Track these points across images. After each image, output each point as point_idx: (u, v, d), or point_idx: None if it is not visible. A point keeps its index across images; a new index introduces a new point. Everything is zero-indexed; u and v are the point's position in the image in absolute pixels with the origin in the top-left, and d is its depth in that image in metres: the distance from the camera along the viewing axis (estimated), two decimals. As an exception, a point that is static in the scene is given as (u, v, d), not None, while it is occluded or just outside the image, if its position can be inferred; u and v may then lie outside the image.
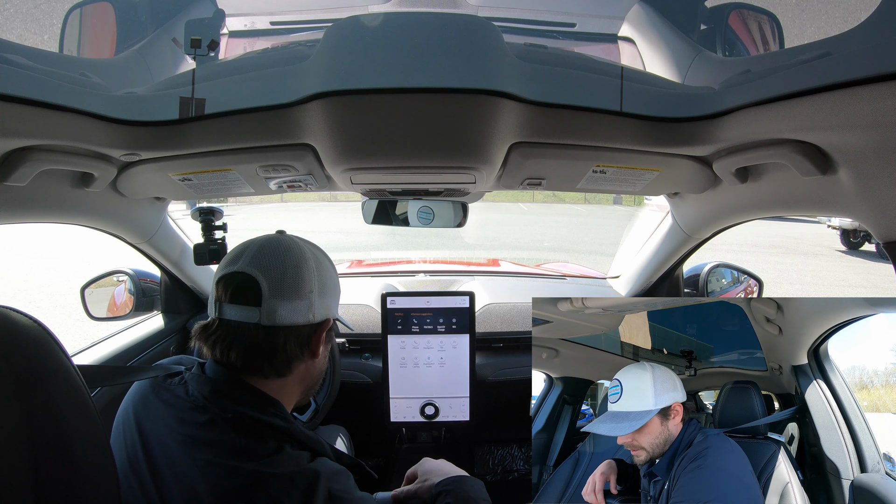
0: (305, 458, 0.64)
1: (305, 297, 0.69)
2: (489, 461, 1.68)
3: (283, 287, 0.68)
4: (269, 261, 0.68)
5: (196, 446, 0.62)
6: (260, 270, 0.67)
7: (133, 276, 1.53)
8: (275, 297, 0.67)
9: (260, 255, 0.69)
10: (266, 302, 0.66)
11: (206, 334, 0.69)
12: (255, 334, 0.67)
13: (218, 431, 0.63)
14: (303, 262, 0.71)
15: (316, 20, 1.07)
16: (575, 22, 1.06)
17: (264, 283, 0.67)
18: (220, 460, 0.60)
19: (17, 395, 0.44)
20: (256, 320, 0.66)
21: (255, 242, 0.71)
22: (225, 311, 0.68)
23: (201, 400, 0.66)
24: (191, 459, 0.61)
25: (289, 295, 0.68)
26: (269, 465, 0.60)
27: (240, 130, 0.76)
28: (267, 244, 0.71)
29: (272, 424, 0.65)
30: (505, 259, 2.36)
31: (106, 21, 0.93)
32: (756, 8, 0.93)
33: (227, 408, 0.65)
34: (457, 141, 0.76)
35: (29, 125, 0.63)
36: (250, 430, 0.63)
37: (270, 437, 0.63)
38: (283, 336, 0.68)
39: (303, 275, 0.70)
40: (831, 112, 0.57)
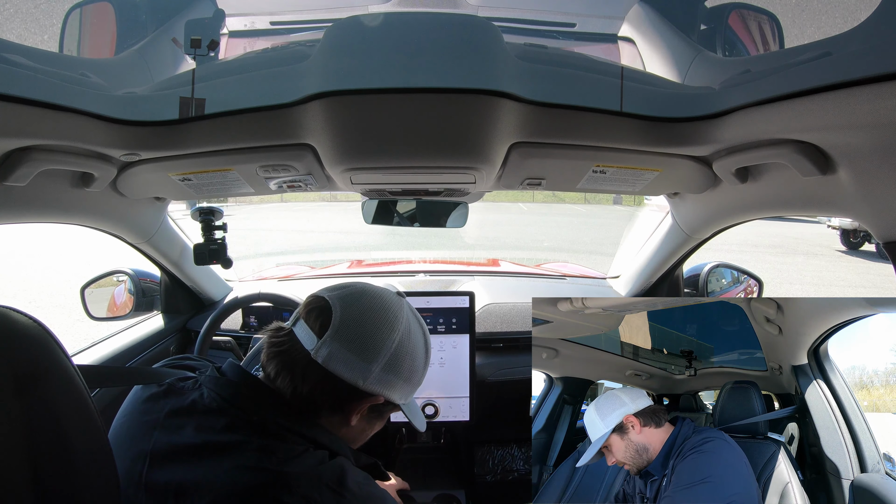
0: (327, 456, 0.63)
1: (368, 360, 0.65)
2: (489, 461, 1.68)
3: (349, 334, 0.65)
4: (356, 306, 0.67)
5: (217, 452, 0.60)
6: (342, 308, 0.66)
7: (133, 276, 1.53)
8: (337, 339, 0.64)
9: (352, 298, 0.67)
10: (328, 337, 0.64)
11: (271, 338, 0.68)
12: (303, 360, 0.65)
13: (240, 434, 0.61)
14: (390, 324, 0.67)
15: (316, 20, 1.07)
16: (575, 22, 1.06)
17: (337, 319, 0.65)
18: (244, 462, 0.59)
19: (16, 395, 0.44)
20: (311, 348, 0.64)
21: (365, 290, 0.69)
22: (298, 325, 0.67)
23: (220, 403, 0.64)
24: (210, 466, 0.59)
25: (352, 346, 0.64)
26: (296, 465, 0.59)
27: (240, 130, 0.76)
28: (368, 293, 0.69)
29: (297, 431, 0.63)
30: (505, 259, 2.36)
31: (106, 21, 0.93)
32: (756, 8, 0.93)
33: (251, 410, 0.63)
34: (457, 141, 0.76)
35: (29, 125, 0.63)
36: (274, 434, 0.62)
37: (294, 441, 0.62)
38: (326, 381, 0.65)
39: (380, 336, 0.66)
40: (831, 112, 0.57)
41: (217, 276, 1.68)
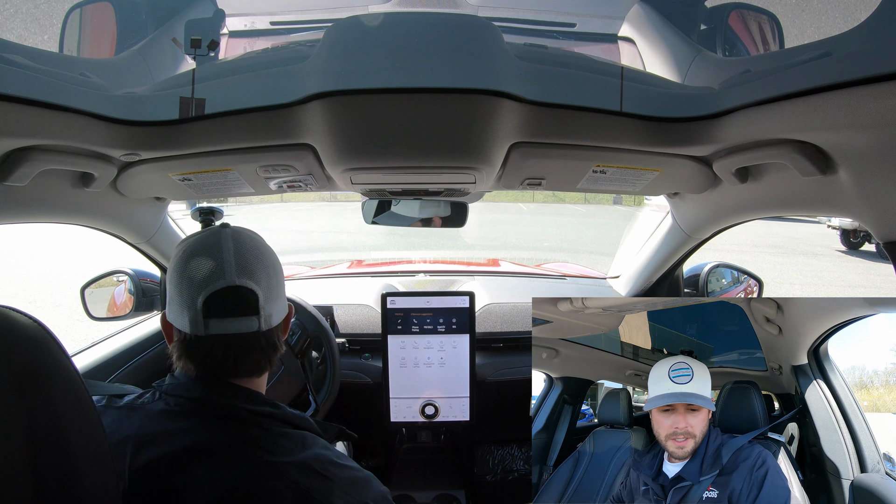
0: (304, 438, 0.65)
1: (282, 294, 0.70)
2: (489, 461, 1.68)
3: (272, 288, 0.67)
4: (255, 267, 0.66)
5: (203, 454, 0.60)
6: (251, 279, 0.65)
7: (133, 276, 1.53)
8: (269, 300, 0.66)
9: (245, 265, 0.66)
10: (263, 308, 0.65)
11: (190, 350, 0.66)
12: (256, 340, 0.66)
13: (218, 430, 0.62)
14: (274, 257, 0.71)
15: (316, 20, 1.07)
16: (575, 22, 1.06)
17: (260, 291, 0.65)
18: (232, 459, 0.60)
19: (16, 395, 0.44)
20: (256, 328, 0.65)
21: (225, 247, 0.66)
22: (213, 327, 0.63)
23: (189, 405, 0.64)
24: (201, 469, 0.59)
25: (276, 295, 0.68)
26: (281, 452, 0.61)
27: (240, 130, 0.76)
28: (241, 251, 0.67)
29: (266, 413, 0.65)
30: (505, 259, 2.36)
31: (106, 21, 0.93)
32: (756, 8, 0.93)
33: (223, 405, 0.64)
34: (457, 141, 0.76)
35: (29, 125, 0.63)
36: (248, 422, 0.64)
37: (267, 424, 0.64)
38: (277, 334, 0.69)
39: (278, 270, 0.70)
40: (831, 112, 0.57)
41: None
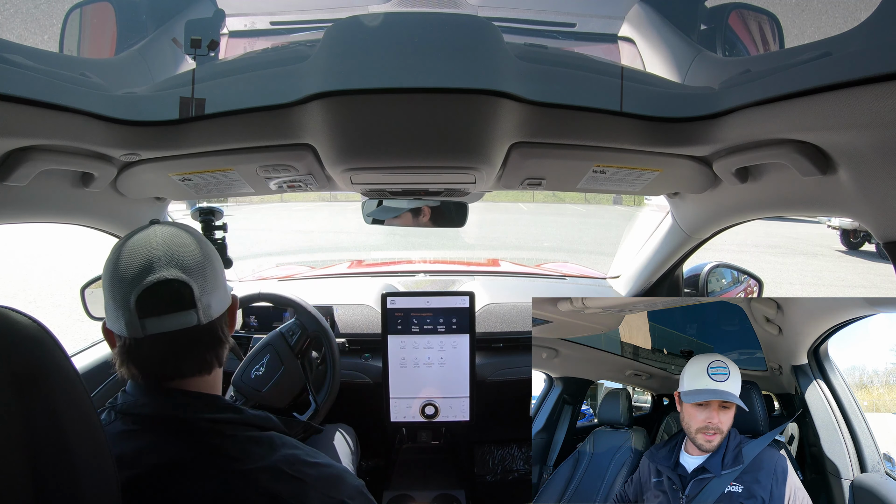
0: (272, 440, 0.64)
1: (222, 284, 0.68)
2: (489, 461, 1.68)
3: (208, 279, 0.65)
4: (186, 259, 0.63)
5: (173, 470, 0.59)
6: (184, 272, 0.62)
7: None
8: (206, 292, 0.64)
9: (174, 256, 0.63)
10: (200, 300, 0.62)
11: (131, 355, 0.63)
12: (197, 336, 0.64)
13: (180, 446, 0.60)
14: (208, 247, 0.68)
15: (316, 20, 1.07)
16: (575, 22, 1.07)
17: (194, 283, 0.62)
18: (197, 472, 0.59)
19: (16, 395, 0.44)
20: (195, 322, 0.62)
21: (156, 243, 0.64)
22: (151, 326, 0.60)
23: (147, 423, 0.62)
24: (174, 486, 0.58)
25: (213, 286, 0.65)
26: (250, 460, 0.60)
27: (240, 130, 0.76)
28: (171, 241, 0.64)
29: (227, 419, 0.63)
30: (505, 259, 2.36)
31: (106, 21, 0.93)
32: (756, 8, 0.93)
33: (180, 419, 0.62)
34: (457, 141, 0.76)
35: (29, 125, 0.63)
36: (209, 432, 0.62)
37: (230, 430, 0.63)
38: (220, 327, 0.67)
39: (214, 260, 0.68)
40: (831, 112, 0.57)
41: (217, 276, 1.68)
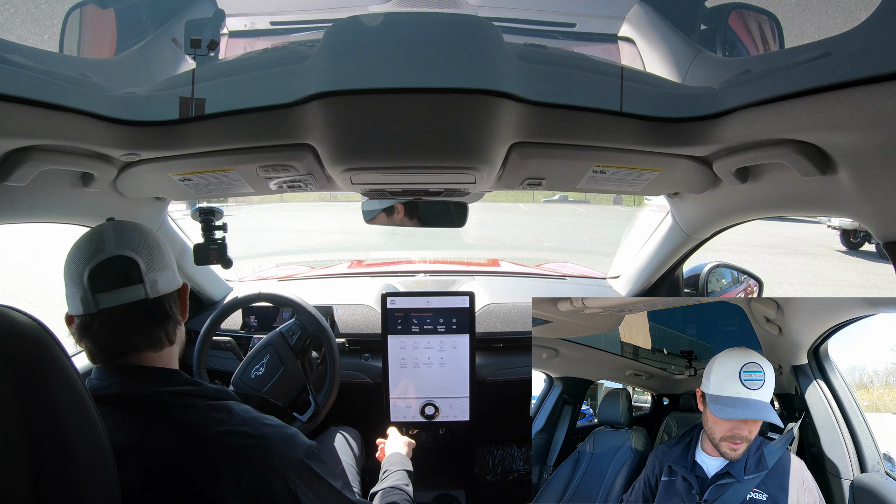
0: (230, 407, 0.69)
1: (170, 267, 0.74)
2: (489, 461, 1.68)
3: (154, 259, 0.71)
4: (134, 240, 0.70)
5: (134, 450, 0.62)
6: (132, 250, 0.69)
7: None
8: (152, 270, 0.70)
9: (123, 238, 0.70)
10: (147, 276, 0.69)
11: (87, 329, 0.68)
12: (146, 309, 0.69)
13: (146, 422, 0.65)
14: (158, 237, 0.75)
15: (316, 20, 1.07)
16: (575, 22, 1.06)
17: (141, 259, 0.69)
18: (166, 443, 0.63)
19: (16, 395, 0.44)
20: (143, 296, 0.68)
21: (106, 230, 0.71)
22: (103, 301, 0.67)
23: (114, 401, 0.66)
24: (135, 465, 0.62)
25: (160, 266, 0.71)
26: (215, 424, 0.66)
27: (240, 130, 0.76)
28: (120, 228, 0.72)
29: (187, 392, 0.68)
30: (505, 259, 2.36)
31: (106, 21, 0.93)
32: (756, 8, 0.93)
33: (142, 396, 0.66)
34: (457, 141, 0.76)
35: (29, 125, 0.63)
36: (171, 405, 0.66)
37: (190, 401, 0.67)
38: (167, 303, 0.72)
39: (162, 247, 0.74)
40: (831, 112, 0.57)
41: (217, 276, 1.68)
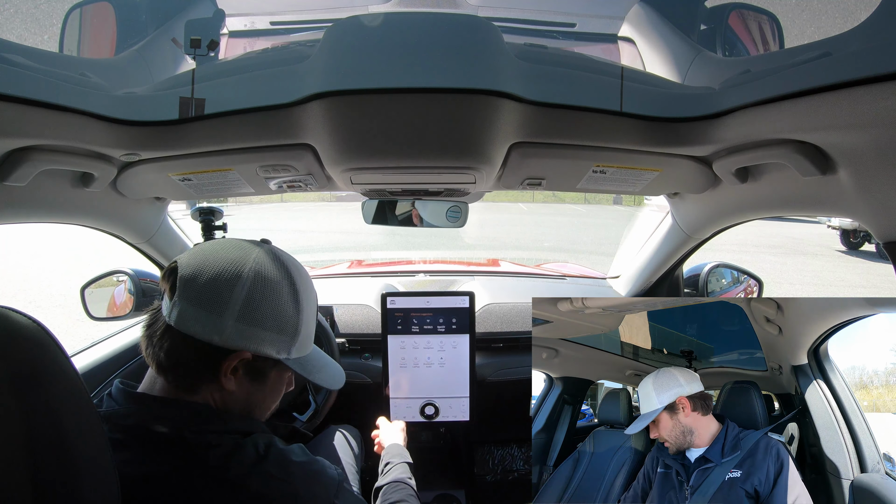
0: (256, 443, 0.62)
1: (218, 314, 0.60)
2: (489, 461, 1.68)
3: (193, 289, 0.60)
4: (197, 258, 0.62)
5: (145, 484, 0.57)
6: (185, 265, 0.61)
7: (133, 276, 1.53)
8: (183, 297, 0.60)
9: (195, 252, 0.64)
10: (175, 297, 0.60)
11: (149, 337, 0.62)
12: (161, 328, 0.62)
13: (162, 459, 0.59)
14: (231, 272, 0.62)
15: (316, 20, 1.07)
16: (575, 22, 1.07)
17: (180, 276, 0.61)
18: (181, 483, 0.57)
19: (16, 396, 0.44)
20: (166, 315, 0.61)
21: (212, 243, 0.66)
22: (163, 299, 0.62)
23: (132, 432, 0.60)
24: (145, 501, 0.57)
25: (198, 301, 0.60)
26: (237, 468, 0.59)
27: (240, 130, 0.76)
28: (213, 244, 0.65)
29: (213, 430, 0.61)
30: (505, 259, 2.36)
31: (106, 21, 0.93)
32: (756, 8, 0.93)
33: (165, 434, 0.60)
34: (457, 141, 0.76)
35: (29, 125, 0.63)
36: (193, 444, 0.60)
37: (216, 440, 0.60)
38: (192, 348, 0.61)
39: (221, 285, 0.60)
40: (831, 112, 0.57)
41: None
